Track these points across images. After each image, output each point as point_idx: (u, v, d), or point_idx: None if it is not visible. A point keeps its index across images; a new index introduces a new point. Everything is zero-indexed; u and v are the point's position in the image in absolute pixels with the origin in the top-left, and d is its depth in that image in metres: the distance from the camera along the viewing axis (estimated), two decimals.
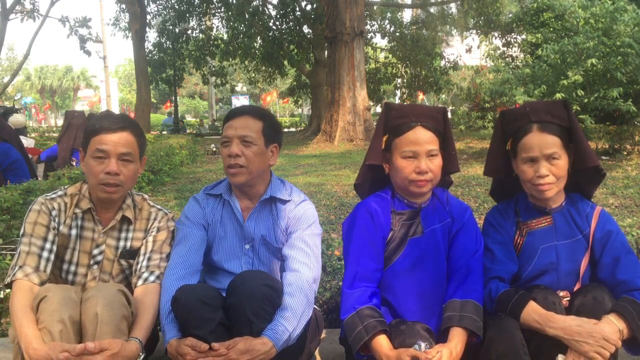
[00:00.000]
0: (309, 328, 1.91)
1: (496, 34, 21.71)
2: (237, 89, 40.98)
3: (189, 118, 49.07)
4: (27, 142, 6.82)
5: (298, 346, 1.83)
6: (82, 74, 60.45)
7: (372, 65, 24.78)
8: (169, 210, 2.11)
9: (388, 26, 24.45)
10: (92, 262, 1.97)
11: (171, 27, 19.77)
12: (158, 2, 20.19)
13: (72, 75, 59.51)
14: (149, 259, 1.95)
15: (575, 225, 1.90)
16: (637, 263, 1.81)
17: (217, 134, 22.07)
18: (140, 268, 1.94)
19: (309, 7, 19.30)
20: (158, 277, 1.91)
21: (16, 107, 11.44)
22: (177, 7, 18.92)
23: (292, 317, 1.73)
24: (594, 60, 8.15)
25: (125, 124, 1.92)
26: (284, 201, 2.01)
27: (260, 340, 1.64)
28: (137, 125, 1.98)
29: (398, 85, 25.48)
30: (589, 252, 1.88)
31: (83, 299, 1.69)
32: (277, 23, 19.70)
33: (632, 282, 1.74)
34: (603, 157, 8.98)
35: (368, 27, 23.04)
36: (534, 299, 1.72)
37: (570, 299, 1.81)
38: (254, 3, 18.40)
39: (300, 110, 43.81)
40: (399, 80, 25.14)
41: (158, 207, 2.08)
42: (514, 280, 1.90)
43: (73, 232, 1.95)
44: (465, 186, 6.36)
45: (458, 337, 1.70)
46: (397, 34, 23.93)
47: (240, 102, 37.52)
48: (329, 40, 15.48)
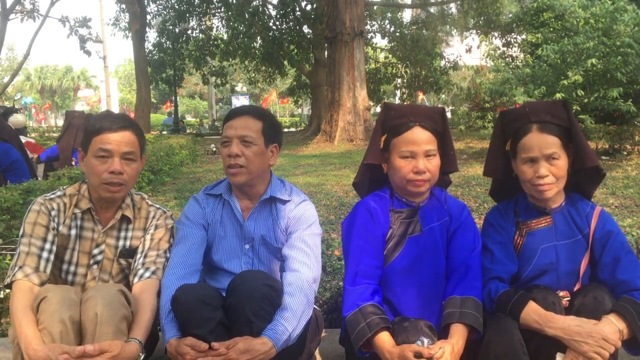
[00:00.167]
0: (309, 328, 1.91)
1: (496, 34, 21.69)
2: (237, 89, 40.96)
3: (189, 118, 49.07)
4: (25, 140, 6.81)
5: (298, 346, 1.83)
6: (82, 74, 60.46)
7: (372, 65, 24.77)
8: (168, 209, 2.11)
9: (388, 26, 24.44)
10: (92, 262, 1.97)
11: (171, 27, 19.76)
12: (158, 2, 20.19)
13: (72, 75, 59.52)
14: (145, 256, 1.96)
15: (575, 226, 1.90)
16: (637, 263, 1.81)
17: (217, 134, 22.06)
18: (137, 266, 1.95)
19: (309, 7, 19.29)
20: (154, 273, 1.91)
21: (16, 107, 11.42)
22: (177, 7, 18.91)
23: (292, 317, 1.73)
24: (594, 60, 8.15)
25: (126, 124, 1.93)
26: (284, 201, 2.02)
27: (260, 340, 1.64)
28: (137, 125, 1.99)
29: (398, 85, 25.45)
30: (588, 252, 1.88)
31: (83, 299, 1.69)
32: (277, 23, 19.68)
33: (632, 282, 1.74)
34: (603, 157, 8.97)
35: (368, 27, 23.03)
36: (533, 299, 1.72)
37: (571, 299, 1.81)
38: (254, 3, 18.39)
39: (300, 110, 43.80)
40: (399, 80, 25.11)
41: (157, 206, 2.09)
42: (513, 281, 1.90)
43: (72, 232, 1.95)
44: (465, 186, 6.35)
45: (459, 334, 1.71)
46: (397, 34, 23.92)
47: (240, 102, 37.50)
48: (329, 40, 15.47)
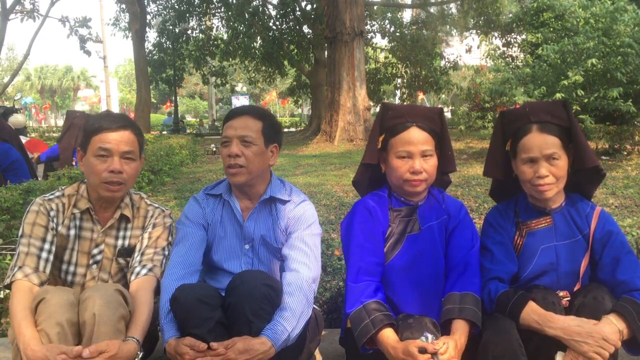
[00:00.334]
0: (309, 328, 1.91)
1: (496, 34, 21.68)
2: (237, 89, 40.94)
3: (189, 118, 49.06)
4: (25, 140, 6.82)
5: (297, 346, 1.83)
6: (82, 74, 60.47)
7: (372, 66, 24.75)
8: (166, 208, 2.11)
9: (388, 26, 24.44)
10: (91, 261, 1.97)
11: (171, 27, 19.75)
12: (158, 2, 20.18)
13: (72, 75, 59.53)
14: (142, 254, 1.96)
15: (575, 226, 1.90)
16: (637, 263, 1.81)
17: (217, 134, 22.06)
18: (134, 263, 1.95)
19: (309, 7, 19.28)
20: (151, 270, 1.91)
21: (16, 107, 11.44)
22: (177, 7, 18.89)
23: (291, 316, 1.73)
24: (594, 60, 8.14)
25: (126, 123, 1.94)
26: (284, 201, 2.01)
27: (259, 339, 1.64)
28: (136, 124, 2.00)
29: (398, 85, 25.44)
30: (588, 252, 1.88)
31: (81, 299, 1.69)
32: (277, 23, 19.67)
33: (632, 283, 1.74)
34: (603, 157, 8.97)
35: (368, 27, 23.01)
36: (533, 299, 1.72)
37: (571, 299, 1.80)
38: (254, 3, 18.37)
39: (300, 110, 43.80)
40: (399, 80, 25.09)
41: (155, 205, 2.09)
42: (513, 281, 1.90)
43: (71, 232, 1.95)
44: (465, 186, 6.35)
45: (462, 330, 1.72)
46: (397, 34, 23.91)
47: (240, 102, 37.50)
48: (329, 40, 15.45)
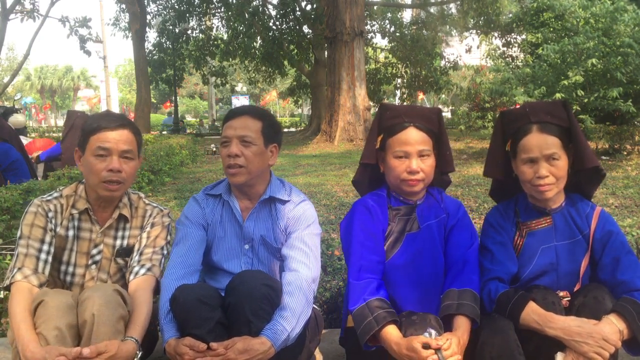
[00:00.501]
0: (309, 327, 1.91)
1: (496, 34, 21.68)
2: (237, 89, 40.96)
3: (189, 118, 49.08)
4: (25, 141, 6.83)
5: (297, 346, 1.83)
6: (82, 74, 60.50)
7: (372, 66, 24.75)
8: (165, 207, 2.11)
9: (388, 26, 24.44)
10: (90, 262, 1.97)
11: (171, 27, 19.77)
12: (158, 2, 20.19)
13: (72, 75, 59.55)
14: (141, 254, 1.96)
15: (575, 226, 1.89)
16: (637, 263, 1.80)
17: (217, 134, 22.05)
18: (132, 263, 1.95)
19: (309, 7, 19.29)
20: (149, 270, 1.91)
21: (16, 107, 11.44)
22: (177, 7, 18.91)
23: (291, 316, 1.73)
24: (594, 60, 8.15)
25: (124, 122, 1.94)
26: (284, 201, 2.01)
27: (258, 339, 1.64)
28: (134, 124, 2.00)
29: (398, 85, 25.45)
30: (589, 252, 1.87)
31: (80, 299, 1.68)
32: (277, 23, 19.68)
33: (632, 283, 1.74)
34: (603, 157, 8.97)
35: (368, 27, 23.02)
36: (533, 299, 1.72)
37: (571, 299, 1.80)
38: (254, 3, 18.38)
39: (300, 110, 43.79)
40: (399, 80, 25.11)
41: (154, 204, 2.09)
42: (513, 281, 1.90)
43: (70, 233, 1.95)
44: (465, 186, 6.35)
45: (464, 327, 1.72)
46: (397, 34, 23.92)
47: (240, 102, 37.49)
48: (329, 40, 15.46)
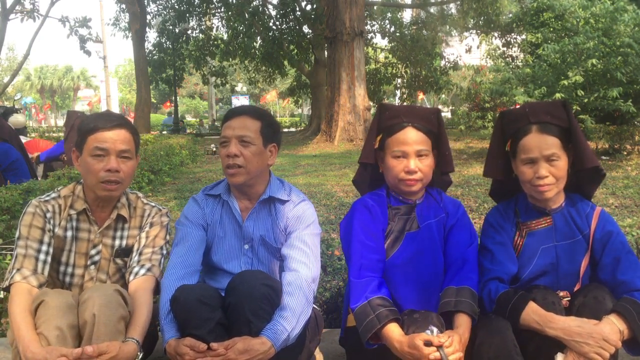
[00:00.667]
0: (309, 327, 1.90)
1: (496, 34, 21.68)
2: (237, 89, 40.93)
3: (189, 118, 49.06)
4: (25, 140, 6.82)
5: (297, 346, 1.83)
6: (82, 74, 60.49)
7: (372, 66, 24.75)
8: (163, 206, 2.11)
9: (388, 26, 24.43)
10: (89, 262, 1.97)
11: (171, 27, 19.76)
12: (158, 2, 20.17)
13: (72, 75, 59.55)
14: (140, 254, 1.95)
15: (575, 226, 1.89)
16: (638, 263, 1.80)
17: (217, 134, 22.04)
18: (132, 264, 1.95)
19: (309, 7, 19.29)
20: (149, 270, 1.91)
21: (16, 107, 11.44)
22: (177, 7, 18.90)
23: (291, 316, 1.73)
24: (594, 61, 8.14)
25: (121, 122, 1.93)
26: (283, 201, 2.01)
27: (259, 340, 1.64)
28: (131, 123, 2.00)
29: (398, 85, 25.45)
30: (589, 252, 1.87)
31: (80, 300, 1.68)
32: (277, 23, 19.67)
33: (632, 283, 1.74)
34: (603, 157, 8.96)
35: (368, 27, 23.01)
36: (533, 299, 1.72)
37: (571, 299, 1.80)
38: (254, 3, 18.37)
39: (300, 110, 43.79)
40: (399, 80, 25.10)
41: (152, 204, 2.08)
42: (514, 281, 1.90)
43: (68, 234, 1.95)
44: (465, 186, 6.35)
45: (465, 324, 1.72)
46: (397, 34, 23.91)
47: (240, 102, 37.50)
48: (329, 40, 15.45)
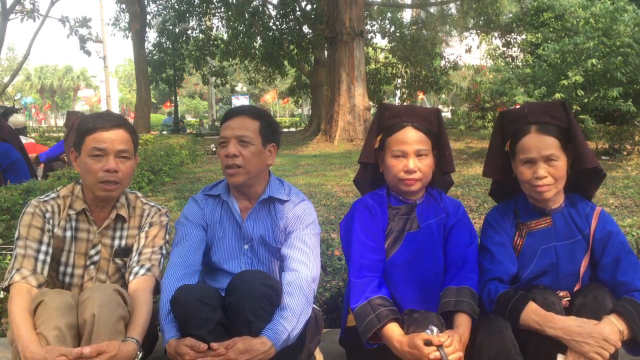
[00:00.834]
0: (309, 327, 1.91)
1: (496, 34, 21.68)
2: (237, 89, 40.96)
3: (189, 118, 49.07)
4: (26, 140, 6.83)
5: (297, 345, 1.83)
6: (82, 74, 60.50)
7: (372, 66, 24.74)
8: (162, 206, 2.11)
9: (388, 26, 24.43)
10: (88, 262, 1.97)
11: (171, 27, 19.76)
12: (158, 2, 20.18)
13: (72, 75, 59.56)
14: (140, 254, 1.95)
15: (575, 226, 1.89)
16: (638, 263, 1.80)
17: (217, 134, 21.90)
18: (131, 264, 1.95)
19: (309, 7, 19.29)
20: (149, 270, 1.91)
21: (16, 107, 11.45)
22: (177, 7, 18.91)
23: (291, 316, 1.73)
24: (594, 61, 8.14)
25: (120, 122, 1.93)
26: (283, 201, 2.01)
27: (259, 339, 1.64)
28: (129, 123, 2.00)
29: (398, 85, 25.45)
30: (589, 252, 1.87)
31: (80, 300, 1.68)
32: (277, 23, 19.68)
33: (632, 283, 1.74)
34: (603, 157, 8.97)
35: (368, 27, 23.01)
36: (533, 299, 1.72)
37: (571, 299, 1.80)
38: (254, 3, 18.38)
39: (300, 110, 43.79)
40: (399, 80, 25.11)
41: (151, 204, 2.08)
42: (513, 281, 1.90)
43: (68, 234, 1.95)
44: (465, 186, 6.35)
45: (465, 324, 1.72)
46: (397, 34, 23.91)
47: (240, 102, 37.51)
48: (329, 40, 15.46)
